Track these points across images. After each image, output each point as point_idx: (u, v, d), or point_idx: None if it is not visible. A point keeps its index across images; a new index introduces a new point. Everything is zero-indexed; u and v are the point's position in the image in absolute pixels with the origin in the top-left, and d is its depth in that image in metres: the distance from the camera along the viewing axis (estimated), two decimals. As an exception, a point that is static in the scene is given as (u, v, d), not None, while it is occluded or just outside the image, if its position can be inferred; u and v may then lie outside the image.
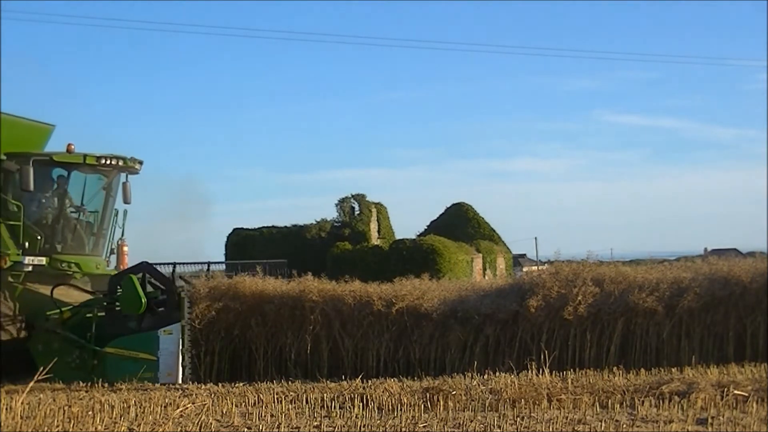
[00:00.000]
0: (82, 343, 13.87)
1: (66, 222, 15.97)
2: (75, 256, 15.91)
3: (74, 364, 13.79)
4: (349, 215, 37.34)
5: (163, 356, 13.40)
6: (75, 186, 16.00)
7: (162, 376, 13.27)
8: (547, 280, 13.57)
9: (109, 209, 16.53)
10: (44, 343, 14.05)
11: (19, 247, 15.12)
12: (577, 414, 9.34)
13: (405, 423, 9.10)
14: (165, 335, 13.45)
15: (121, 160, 15.97)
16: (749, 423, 8.66)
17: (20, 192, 15.27)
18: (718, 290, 13.04)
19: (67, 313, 14.14)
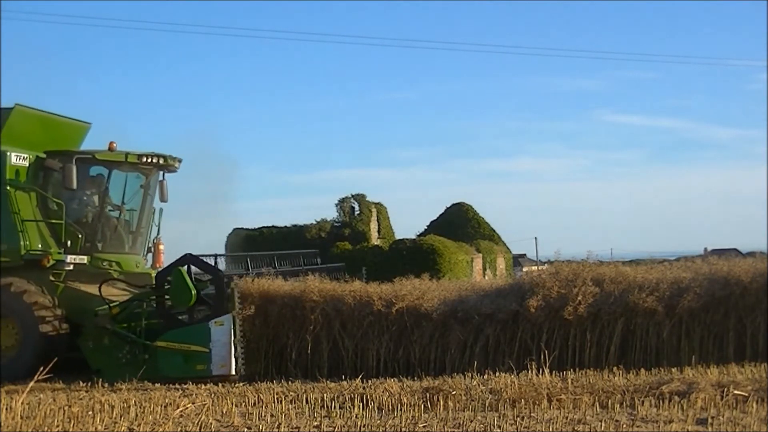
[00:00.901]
0: (132, 338, 13.74)
1: (106, 220, 15.90)
2: (115, 255, 15.87)
3: (125, 359, 13.66)
4: (349, 215, 37.37)
5: (215, 348, 13.19)
6: (114, 184, 15.93)
7: (215, 368, 13.12)
8: (547, 280, 13.57)
9: (147, 207, 16.48)
10: (94, 340, 13.96)
11: (61, 246, 15.04)
12: (577, 414, 9.34)
13: (405, 423, 9.10)
14: (216, 326, 13.26)
15: (161, 158, 15.93)
16: (749, 423, 8.66)
17: (62, 190, 15.21)
18: (718, 290, 13.03)
19: (115, 309, 14.01)
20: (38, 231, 15.09)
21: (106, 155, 15.49)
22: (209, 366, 13.16)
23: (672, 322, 12.96)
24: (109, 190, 15.85)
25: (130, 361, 13.62)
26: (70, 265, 15.13)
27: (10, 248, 14.81)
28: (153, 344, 13.56)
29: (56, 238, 15.14)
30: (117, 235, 16.09)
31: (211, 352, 13.20)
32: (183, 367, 13.17)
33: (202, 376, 12.95)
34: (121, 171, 15.96)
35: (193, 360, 13.21)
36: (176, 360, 13.31)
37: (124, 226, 16.26)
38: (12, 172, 15.00)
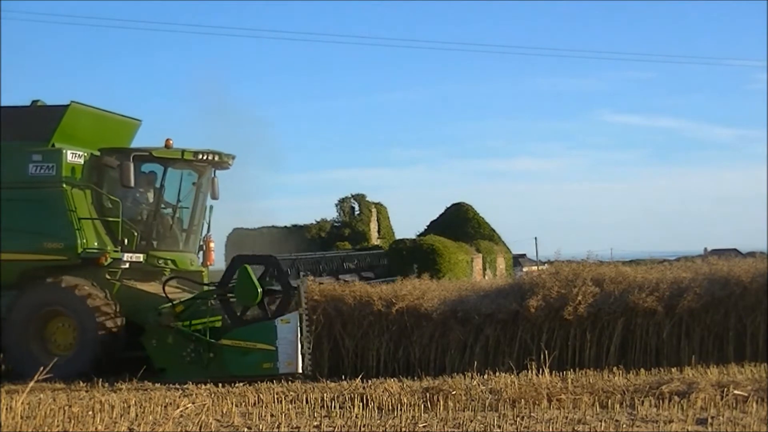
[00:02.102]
0: (196, 336, 13.59)
1: (161, 218, 15.79)
2: (170, 253, 15.76)
3: (189, 358, 13.50)
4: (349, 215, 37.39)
5: (281, 345, 13.04)
6: (168, 181, 15.79)
7: (282, 366, 12.98)
8: (547, 280, 13.57)
9: (200, 205, 16.35)
10: (158, 338, 13.79)
11: (117, 244, 14.92)
12: (577, 414, 9.34)
13: (405, 423, 9.10)
14: (282, 324, 13.13)
15: (216, 155, 15.81)
16: (749, 423, 8.66)
17: (118, 188, 15.10)
18: (718, 290, 13.03)
19: (179, 307, 13.85)
20: (94, 229, 14.92)
21: (162, 152, 15.33)
22: (276, 364, 12.99)
23: (672, 322, 12.96)
24: (164, 188, 15.69)
25: (194, 360, 13.46)
26: (126, 263, 15.02)
27: (66, 247, 14.62)
28: (218, 342, 13.40)
29: (111, 236, 14.98)
30: (172, 233, 15.95)
31: (278, 350, 13.02)
32: (249, 366, 13.00)
33: (268, 374, 12.79)
34: (176, 168, 15.82)
35: (260, 358, 13.05)
36: (242, 358, 13.15)
37: (178, 223, 16.13)
38: (68, 169, 14.84)
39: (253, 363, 13.03)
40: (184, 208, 16.16)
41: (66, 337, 14.44)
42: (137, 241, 15.17)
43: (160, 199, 15.72)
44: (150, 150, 15.28)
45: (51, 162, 14.81)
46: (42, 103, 15.57)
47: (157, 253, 15.54)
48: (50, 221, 14.74)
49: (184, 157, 15.47)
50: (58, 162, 14.79)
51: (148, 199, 15.70)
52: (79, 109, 15.36)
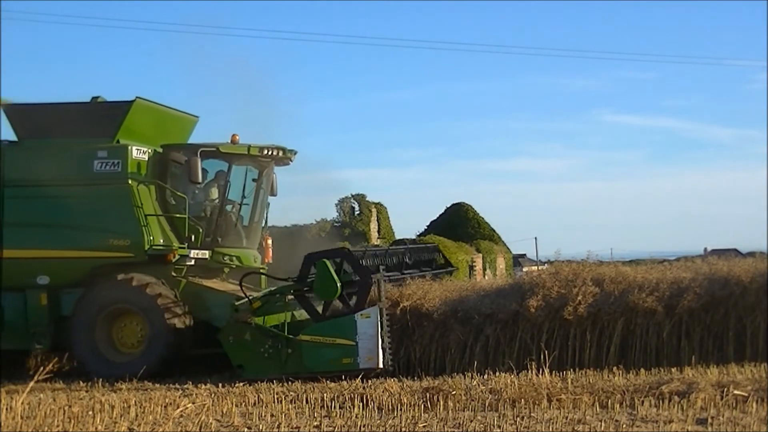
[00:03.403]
0: (274, 332, 13.38)
1: (225, 214, 15.65)
2: (235, 249, 15.67)
3: (267, 354, 13.26)
4: (349, 215, 37.36)
5: (362, 340, 12.83)
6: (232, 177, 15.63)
7: (362, 361, 12.78)
8: (547, 280, 13.57)
9: (260, 201, 16.27)
10: (235, 335, 13.52)
11: (184, 241, 14.79)
12: (577, 414, 9.35)
13: (405, 423, 9.11)
14: (362, 319, 12.89)
15: (281, 150, 15.69)
16: (749, 423, 8.66)
17: (184, 184, 15.02)
18: (718, 290, 13.02)
19: (256, 303, 13.60)
20: (159, 226, 14.81)
21: (229, 148, 15.20)
22: (356, 359, 12.81)
23: (672, 322, 12.95)
24: (230, 184, 15.54)
25: (272, 356, 13.23)
26: (192, 260, 14.92)
27: (133, 244, 14.47)
28: (297, 338, 13.19)
29: (176, 233, 14.86)
30: (235, 230, 15.83)
31: (358, 345, 12.83)
32: (328, 361, 12.83)
33: (348, 369, 12.65)
34: (240, 165, 15.66)
35: (340, 353, 12.87)
36: (322, 354, 12.95)
37: (240, 220, 16.01)
38: (134, 166, 14.71)
39: (332, 358, 12.85)
40: (245, 204, 15.98)
41: (133, 335, 14.34)
42: (202, 237, 15.04)
43: (225, 195, 15.52)
44: (217, 146, 15.09)
45: (116, 158, 14.65)
46: (102, 99, 15.42)
47: (222, 250, 15.39)
48: (116, 218, 14.58)
49: (250, 152, 15.31)
50: (123, 158, 14.64)
51: (209, 195, 15.53)
52: (143, 105, 15.24)
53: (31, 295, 14.66)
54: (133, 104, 15.00)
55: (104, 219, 14.58)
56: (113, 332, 14.38)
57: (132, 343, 14.35)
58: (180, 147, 15.35)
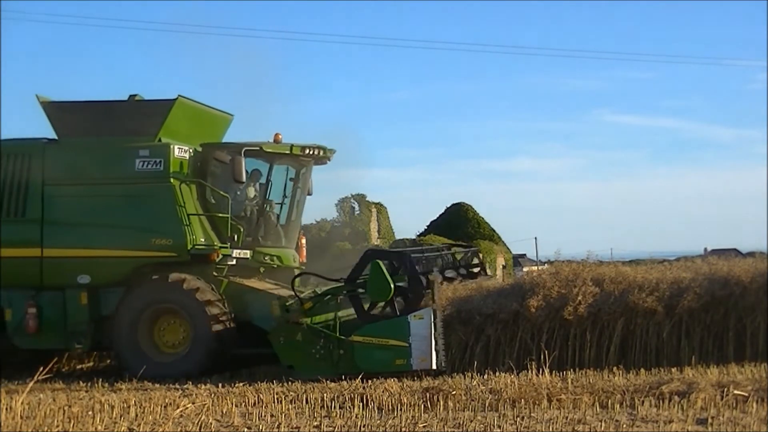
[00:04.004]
0: (326, 332, 13.27)
1: (266, 214, 15.52)
2: (275, 249, 15.57)
3: (318, 355, 13.20)
4: (349, 215, 37.37)
5: (415, 341, 12.79)
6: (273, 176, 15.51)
7: (415, 362, 12.73)
8: (548, 280, 13.56)
9: (299, 200, 16.15)
10: (286, 335, 13.45)
11: (225, 240, 14.66)
12: (577, 414, 9.35)
13: (405, 423, 9.11)
14: (416, 320, 12.85)
15: (321, 150, 15.58)
16: (749, 423, 8.67)
17: (224, 183, 14.92)
18: (718, 290, 13.02)
19: (308, 303, 13.53)
20: (201, 225, 14.67)
21: (272, 147, 15.08)
22: (409, 360, 12.77)
23: (672, 322, 12.95)
24: (271, 183, 15.44)
25: (324, 357, 13.18)
26: (234, 259, 14.82)
27: (176, 243, 14.29)
28: (349, 339, 13.13)
29: (217, 232, 14.73)
30: (275, 229, 15.74)
31: (411, 347, 12.79)
32: (381, 362, 12.76)
33: (401, 370, 12.59)
34: (281, 164, 15.55)
35: (392, 355, 12.81)
36: (374, 355, 12.90)
37: (279, 219, 15.92)
38: (176, 164, 14.56)
39: (385, 359, 12.79)
40: (281, 204, 15.88)
41: (175, 335, 14.22)
42: (243, 237, 14.93)
43: (266, 195, 15.43)
44: (260, 144, 14.96)
45: (159, 157, 14.51)
46: (140, 98, 15.25)
47: (263, 250, 15.28)
48: (159, 217, 14.46)
49: (292, 151, 15.21)
50: (165, 157, 14.50)
51: (248, 194, 15.42)
52: (185, 104, 15.14)
53: (70, 294, 14.52)
54: (175, 102, 14.88)
55: (146, 218, 14.46)
56: (155, 332, 14.26)
57: (173, 343, 14.22)
58: (223, 146, 15.18)
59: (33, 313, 14.43)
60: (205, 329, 13.88)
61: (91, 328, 14.50)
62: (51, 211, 14.68)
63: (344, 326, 13.34)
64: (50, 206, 14.69)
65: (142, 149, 14.56)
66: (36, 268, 14.56)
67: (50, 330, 14.53)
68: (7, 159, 14.90)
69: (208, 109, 16.04)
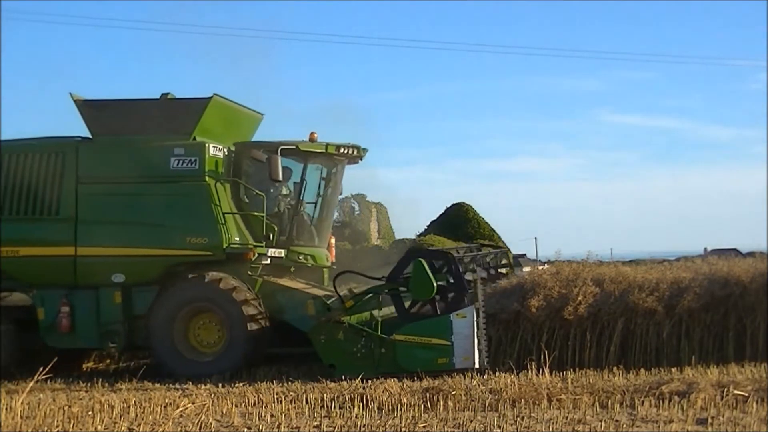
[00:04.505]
0: (368, 331, 13.16)
1: (300, 213, 15.41)
2: (309, 248, 15.49)
3: (360, 353, 13.11)
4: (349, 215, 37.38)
5: (457, 340, 12.72)
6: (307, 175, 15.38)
7: (458, 361, 12.65)
8: (549, 280, 13.56)
9: (330, 199, 16.08)
10: (327, 334, 13.33)
11: (260, 239, 14.55)
12: (577, 414, 9.35)
13: (405, 423, 9.12)
14: (458, 319, 12.79)
15: (355, 149, 15.50)
16: (749, 423, 8.68)
17: (257, 182, 14.83)
18: (718, 290, 13.02)
19: (349, 302, 13.43)
20: (235, 224, 14.58)
21: (308, 146, 15.00)
22: (451, 359, 12.70)
23: (672, 322, 12.96)
24: (306, 182, 15.32)
25: (365, 356, 13.09)
26: (268, 258, 14.74)
27: (212, 242, 14.17)
28: (391, 338, 13.05)
29: (251, 231, 14.64)
30: (308, 228, 15.65)
31: (453, 345, 12.73)
32: (423, 361, 12.66)
33: (444, 369, 12.50)
34: (315, 163, 15.44)
35: (435, 353, 12.74)
36: (416, 354, 12.82)
37: (312, 218, 15.82)
38: (211, 163, 14.48)
39: (427, 358, 12.72)
40: (314, 203, 15.79)
41: (210, 335, 14.13)
42: (277, 236, 14.88)
43: (300, 194, 15.32)
44: (297, 143, 14.89)
45: (194, 156, 14.41)
46: (172, 96, 15.15)
47: (297, 249, 15.21)
48: (194, 216, 14.36)
49: (327, 150, 15.15)
50: (201, 156, 14.40)
51: (289, 192, 15.36)
52: (219, 102, 15.07)
53: (104, 293, 14.42)
54: (210, 101, 14.79)
55: (181, 217, 14.36)
56: (190, 331, 14.19)
57: (209, 343, 14.13)
58: (260, 144, 15.07)
59: (66, 312, 14.35)
60: (242, 329, 13.79)
61: (124, 327, 14.39)
62: (85, 209, 14.55)
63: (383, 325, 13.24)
64: (84, 205, 14.57)
65: (177, 148, 14.45)
66: (70, 267, 14.45)
67: (83, 329, 14.44)
68: (40, 157, 14.80)
69: (240, 108, 15.94)
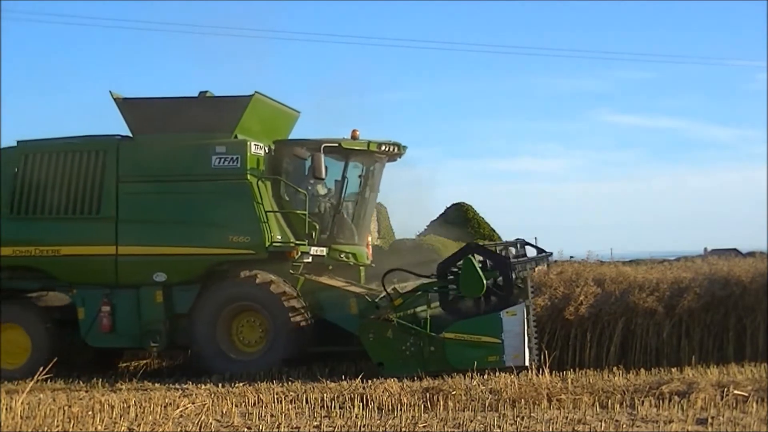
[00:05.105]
0: (416, 329, 13.07)
1: (340, 211, 15.32)
2: (350, 246, 15.45)
3: (408, 352, 13.02)
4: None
5: (507, 338, 12.64)
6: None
7: (508, 359, 12.59)
8: (555, 280, 13.55)
9: (369, 197, 15.99)
10: (375, 332, 13.23)
11: (303, 238, 14.51)
12: (577, 414, 9.35)
13: (405, 423, 9.11)
14: (508, 316, 12.72)
15: (395, 146, 15.47)
16: (749, 423, 8.68)
17: (296, 180, 14.83)
18: (718, 290, 13.03)
19: (398, 300, 13.33)
20: (277, 222, 14.53)
21: (350, 144, 14.96)
22: (502, 357, 12.63)
23: (672, 322, 12.96)
24: (347, 180, 15.24)
25: (414, 354, 13.00)
26: (310, 257, 14.70)
27: (254, 240, 14.10)
28: (440, 336, 12.97)
29: (292, 229, 14.59)
30: (348, 226, 15.57)
31: (503, 343, 12.65)
32: (473, 359, 12.48)
33: (493, 367, 12.38)
34: (356, 161, 15.35)
35: (485, 351, 12.64)
36: (466, 352, 12.72)
37: (352, 216, 15.73)
38: (253, 161, 14.39)
39: (477, 356, 12.56)
40: (355, 201, 15.72)
41: (253, 334, 14.11)
42: (318, 234, 14.84)
43: (342, 191, 15.24)
44: (339, 141, 14.84)
45: (236, 154, 14.32)
46: (210, 94, 15.12)
47: (338, 247, 15.18)
48: (236, 215, 14.25)
49: (369, 148, 15.10)
50: (242, 154, 14.31)
51: (319, 191, 15.29)
52: (260, 100, 15.01)
53: (145, 292, 14.36)
54: (252, 99, 14.73)
55: (223, 216, 14.27)
56: (233, 330, 14.16)
57: (251, 341, 14.11)
58: (302, 142, 15.00)
59: (107, 312, 14.33)
60: (285, 326, 13.76)
61: (166, 326, 14.33)
62: (126, 208, 14.51)
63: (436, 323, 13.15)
64: (125, 204, 14.52)
65: (218, 146, 14.39)
66: (111, 266, 14.41)
67: (124, 329, 14.40)
68: (81, 156, 14.74)
69: (280, 106, 15.88)
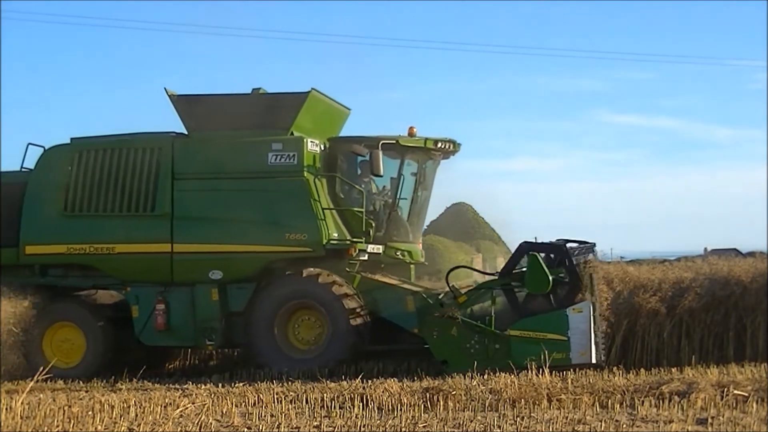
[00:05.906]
0: (481, 327, 13.03)
1: (395, 209, 15.28)
2: (405, 244, 15.35)
3: (473, 349, 12.97)
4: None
5: (574, 335, 12.62)
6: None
7: (575, 356, 12.56)
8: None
9: (424, 194, 15.87)
10: (440, 330, 13.19)
11: (358, 235, 14.41)
12: (577, 414, 9.35)
13: (405, 423, 9.11)
14: (574, 313, 12.69)
15: (451, 143, 15.40)
16: (749, 423, 8.67)
17: (351, 177, 14.76)
18: (719, 290, 13.03)
19: (462, 298, 13.34)
20: (334, 220, 14.44)
21: (408, 141, 14.90)
22: (568, 354, 12.60)
23: (672, 322, 12.96)
24: (403, 177, 15.16)
25: (478, 351, 12.95)
26: (366, 254, 14.60)
27: (311, 238, 14.02)
28: (505, 333, 12.94)
29: (348, 227, 14.51)
30: (403, 224, 15.50)
31: (570, 341, 12.63)
32: (539, 357, 12.32)
33: (560, 365, 12.36)
34: (412, 158, 15.28)
35: (551, 349, 12.51)
36: (532, 350, 12.62)
37: (408, 214, 15.65)
38: (309, 158, 14.31)
39: (542, 354, 12.37)
40: (411, 199, 15.63)
41: (310, 332, 14.03)
42: (374, 232, 14.73)
43: (398, 189, 15.17)
44: (397, 138, 14.79)
45: (292, 151, 14.24)
46: (263, 91, 15.04)
47: (394, 245, 15.08)
48: (293, 212, 14.16)
49: (426, 145, 15.04)
50: (299, 151, 14.23)
51: (372, 188, 15.21)
52: (316, 97, 14.94)
53: (200, 290, 14.28)
54: (309, 96, 14.66)
55: (280, 213, 14.20)
56: (290, 328, 14.09)
57: (308, 339, 14.03)
58: (360, 139, 14.85)
59: (162, 310, 14.26)
60: (344, 324, 13.68)
61: (222, 324, 14.27)
62: (181, 205, 14.43)
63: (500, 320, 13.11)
64: (180, 201, 14.45)
65: (275, 143, 14.31)
66: (166, 264, 14.34)
67: (179, 327, 14.32)
68: (136, 153, 14.67)
69: (333, 103, 15.81)
